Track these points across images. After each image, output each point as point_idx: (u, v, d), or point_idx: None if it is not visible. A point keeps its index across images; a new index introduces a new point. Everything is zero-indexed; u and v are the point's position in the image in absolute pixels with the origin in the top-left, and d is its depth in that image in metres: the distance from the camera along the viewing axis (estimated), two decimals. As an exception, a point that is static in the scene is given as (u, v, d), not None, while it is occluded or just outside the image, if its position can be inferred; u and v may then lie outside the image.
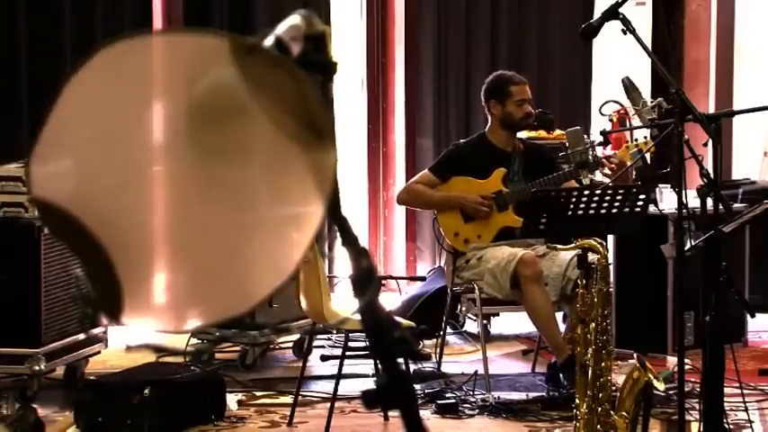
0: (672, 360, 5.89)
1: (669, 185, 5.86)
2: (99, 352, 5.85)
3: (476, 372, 5.75)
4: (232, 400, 5.39)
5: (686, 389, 4.40)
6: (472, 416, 5.32)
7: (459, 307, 6.67)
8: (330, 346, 6.53)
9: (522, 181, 5.89)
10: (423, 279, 7.41)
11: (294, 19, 1.45)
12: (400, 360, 1.43)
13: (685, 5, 9.01)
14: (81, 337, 5.64)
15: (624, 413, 4.04)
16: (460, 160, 5.96)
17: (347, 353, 5.18)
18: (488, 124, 6.05)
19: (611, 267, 4.76)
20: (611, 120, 6.67)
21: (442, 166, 6.01)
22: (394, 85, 8.49)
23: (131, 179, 1.39)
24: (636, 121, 5.63)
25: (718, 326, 4.01)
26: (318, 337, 6.55)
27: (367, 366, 5.92)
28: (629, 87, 5.21)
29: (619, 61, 7.94)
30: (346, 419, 5.22)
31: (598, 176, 6.04)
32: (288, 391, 5.57)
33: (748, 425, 4.92)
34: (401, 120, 8.44)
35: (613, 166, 5.71)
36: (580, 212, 4.88)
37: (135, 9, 7.10)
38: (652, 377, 3.93)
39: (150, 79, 1.40)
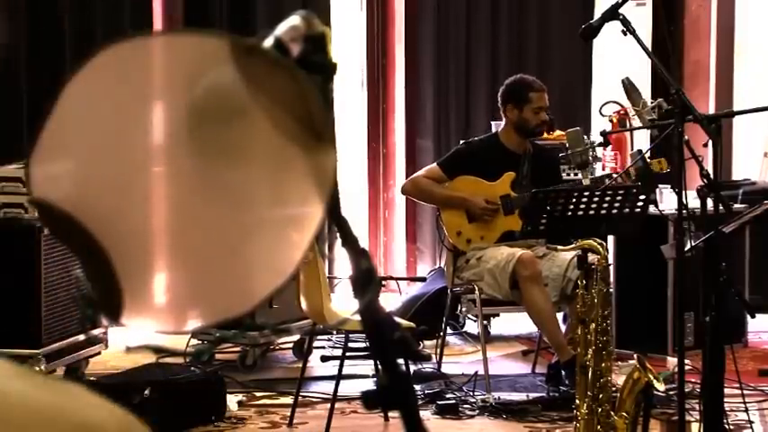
0: (672, 360, 5.89)
1: (669, 186, 5.86)
2: (99, 353, 5.86)
3: (476, 372, 5.75)
4: (232, 400, 5.39)
5: (686, 389, 4.40)
6: (472, 416, 5.32)
7: (459, 307, 6.67)
8: (330, 347, 6.52)
9: (530, 185, 5.88)
10: (423, 280, 7.41)
11: (294, 20, 1.45)
12: (400, 361, 1.43)
13: (685, 6, 9.01)
14: (81, 338, 5.65)
15: (624, 414, 4.04)
16: (470, 159, 5.95)
17: (347, 353, 5.18)
18: (501, 126, 6.05)
19: (611, 268, 4.76)
20: (611, 120, 6.67)
21: (451, 162, 6.00)
22: (394, 86, 8.49)
23: (131, 180, 1.39)
24: (636, 122, 5.62)
25: (718, 326, 4.01)
26: (318, 337, 6.55)
27: (367, 367, 5.92)
28: (630, 88, 5.21)
29: (619, 61, 7.94)
30: (346, 420, 5.23)
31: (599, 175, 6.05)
32: (288, 391, 5.57)
33: (748, 425, 4.92)
34: (401, 120, 8.44)
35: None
36: (580, 213, 4.88)
37: (135, 9, 7.10)
38: (652, 378, 3.93)
39: (150, 80, 1.40)
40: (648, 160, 5.41)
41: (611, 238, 6.10)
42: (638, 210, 4.91)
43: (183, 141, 1.37)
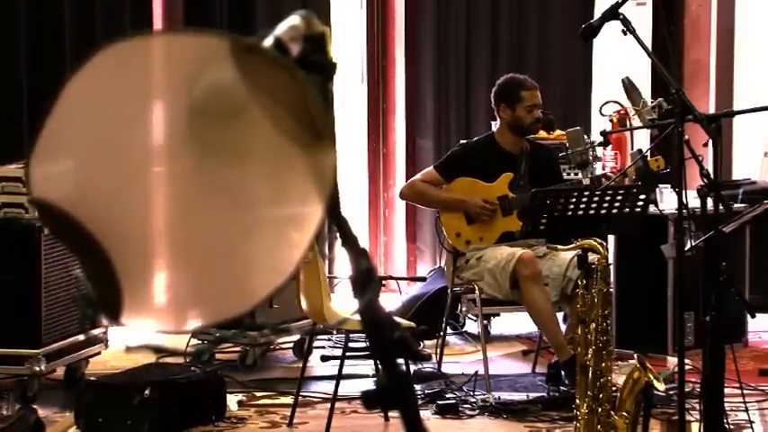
0: (672, 360, 5.89)
1: (669, 185, 5.86)
2: (99, 353, 5.85)
3: (476, 372, 5.74)
4: (232, 400, 5.39)
5: (686, 389, 4.40)
6: (472, 416, 5.32)
7: (459, 307, 6.66)
8: (330, 347, 6.52)
9: (528, 185, 5.87)
10: (423, 279, 7.41)
11: (294, 19, 1.45)
12: (400, 360, 1.43)
13: (685, 5, 9.01)
14: (81, 337, 5.64)
15: (624, 413, 4.04)
16: (467, 160, 5.95)
17: (347, 353, 5.18)
18: (497, 126, 6.05)
19: (612, 267, 4.76)
20: (611, 120, 6.67)
21: (448, 165, 5.99)
22: (394, 85, 8.49)
23: (131, 180, 1.39)
24: (636, 122, 5.62)
25: (718, 326, 4.01)
26: (319, 337, 6.55)
27: (367, 367, 5.92)
28: (630, 88, 5.21)
29: (619, 61, 7.93)
30: (346, 420, 5.22)
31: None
32: (288, 391, 5.57)
33: (749, 425, 4.92)
34: (401, 120, 8.43)
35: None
36: (580, 213, 4.88)
37: (135, 9, 7.09)
38: (652, 377, 3.93)
39: (150, 79, 1.40)
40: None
41: (611, 238, 6.09)
42: (638, 210, 4.91)
43: (183, 141, 1.37)
